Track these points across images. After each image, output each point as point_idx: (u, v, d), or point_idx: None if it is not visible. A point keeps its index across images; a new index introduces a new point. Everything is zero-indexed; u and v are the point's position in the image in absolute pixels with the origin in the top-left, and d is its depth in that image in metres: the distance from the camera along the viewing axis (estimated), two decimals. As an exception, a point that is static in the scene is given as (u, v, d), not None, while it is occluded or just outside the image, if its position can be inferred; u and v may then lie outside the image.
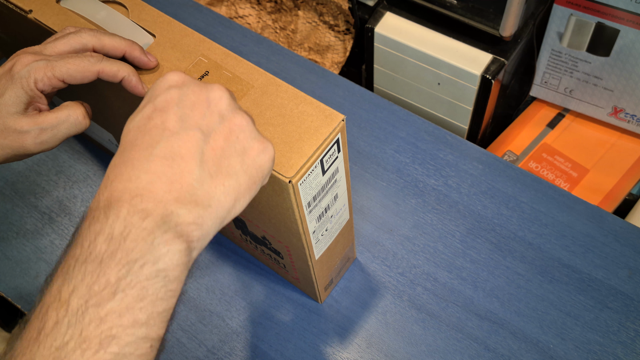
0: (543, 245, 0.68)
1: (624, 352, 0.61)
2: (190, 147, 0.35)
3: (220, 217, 0.35)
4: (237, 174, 0.36)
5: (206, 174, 0.35)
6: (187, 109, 0.36)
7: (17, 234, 0.73)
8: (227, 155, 0.36)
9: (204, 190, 0.34)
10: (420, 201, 0.72)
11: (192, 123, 0.35)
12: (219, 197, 0.35)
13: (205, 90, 0.37)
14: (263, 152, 0.37)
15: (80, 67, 0.44)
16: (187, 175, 0.34)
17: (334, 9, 0.97)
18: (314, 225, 0.50)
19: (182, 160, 0.34)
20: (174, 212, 0.33)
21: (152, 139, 0.35)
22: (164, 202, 0.33)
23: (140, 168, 0.34)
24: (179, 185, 0.34)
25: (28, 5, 0.52)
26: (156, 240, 0.32)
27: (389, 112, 0.79)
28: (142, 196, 0.33)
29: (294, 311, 0.66)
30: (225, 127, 0.36)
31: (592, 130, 0.92)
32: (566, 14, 0.83)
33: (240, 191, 0.36)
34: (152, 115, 0.36)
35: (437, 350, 0.62)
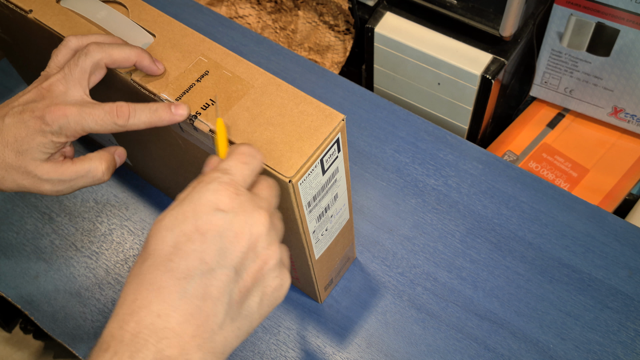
0: (543, 245, 0.68)
1: (624, 352, 0.61)
2: (221, 288, 0.34)
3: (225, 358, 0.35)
4: (252, 316, 0.36)
5: (229, 319, 0.34)
6: (227, 241, 0.35)
7: (17, 234, 0.73)
8: (251, 295, 0.36)
9: (222, 336, 0.34)
10: (420, 201, 0.72)
11: (229, 261, 0.34)
12: (231, 343, 0.35)
13: (250, 222, 0.36)
14: (280, 289, 0.37)
15: (106, 129, 0.44)
16: (213, 319, 0.34)
17: (334, 9, 0.97)
18: (314, 225, 0.50)
19: (211, 302, 0.34)
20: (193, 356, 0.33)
21: (187, 268, 0.34)
22: (187, 349, 0.32)
23: (171, 304, 0.33)
24: (203, 330, 0.33)
25: (28, 5, 0.52)
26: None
27: (389, 112, 0.79)
28: (169, 339, 0.32)
29: (294, 311, 0.66)
30: (256, 264, 0.36)
31: (592, 130, 0.92)
32: (566, 14, 0.83)
33: (249, 331, 0.36)
34: (192, 237, 0.34)
35: (437, 350, 0.62)
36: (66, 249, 0.72)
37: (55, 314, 0.67)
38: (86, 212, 0.74)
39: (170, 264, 0.34)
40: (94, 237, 0.73)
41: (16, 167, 0.45)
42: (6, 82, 0.87)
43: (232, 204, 0.36)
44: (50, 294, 0.69)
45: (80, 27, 0.51)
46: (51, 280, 0.70)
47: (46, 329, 0.67)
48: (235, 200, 0.36)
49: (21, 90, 0.86)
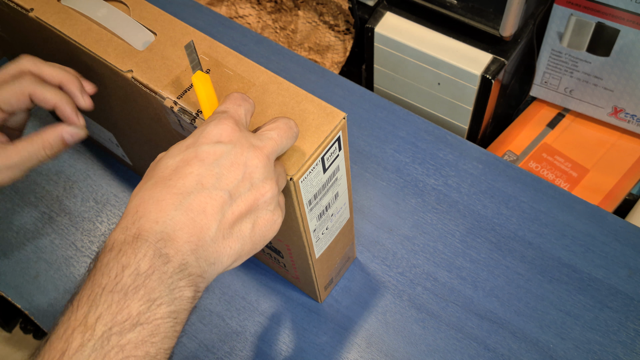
0: (543, 245, 0.68)
1: (624, 351, 0.61)
2: (215, 206, 0.37)
3: (217, 273, 0.38)
4: (244, 239, 0.38)
5: (220, 235, 0.37)
6: (224, 168, 0.38)
7: (17, 233, 0.73)
8: (243, 221, 0.38)
9: (214, 248, 0.37)
10: (420, 201, 0.72)
11: (224, 184, 0.37)
12: (222, 258, 0.38)
13: (246, 154, 0.38)
14: (272, 224, 0.40)
15: (12, 91, 0.44)
16: (205, 231, 0.37)
17: (334, 9, 0.97)
18: (315, 224, 0.50)
19: (204, 216, 0.37)
20: (189, 262, 0.36)
21: (184, 186, 0.37)
22: (182, 251, 0.36)
23: (168, 213, 0.36)
24: (197, 239, 0.36)
25: (29, 4, 0.52)
26: (173, 285, 0.35)
27: (389, 112, 0.79)
28: (165, 241, 0.35)
29: (294, 311, 0.65)
30: (251, 195, 0.38)
31: (592, 130, 0.92)
32: (566, 14, 0.83)
33: (240, 255, 0.39)
34: (191, 162, 0.38)
35: (437, 349, 0.62)
36: (66, 249, 0.72)
37: (55, 314, 0.67)
38: (86, 212, 0.74)
39: (169, 182, 0.37)
40: (94, 237, 0.72)
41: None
42: (6, 82, 0.86)
43: (231, 137, 0.38)
44: (50, 294, 0.69)
45: (81, 26, 0.51)
46: (51, 280, 0.70)
47: (46, 328, 0.67)
48: (234, 134, 0.39)
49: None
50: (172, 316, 0.35)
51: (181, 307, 0.35)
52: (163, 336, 0.34)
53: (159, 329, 0.34)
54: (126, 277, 0.34)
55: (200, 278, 0.36)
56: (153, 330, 0.34)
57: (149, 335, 0.34)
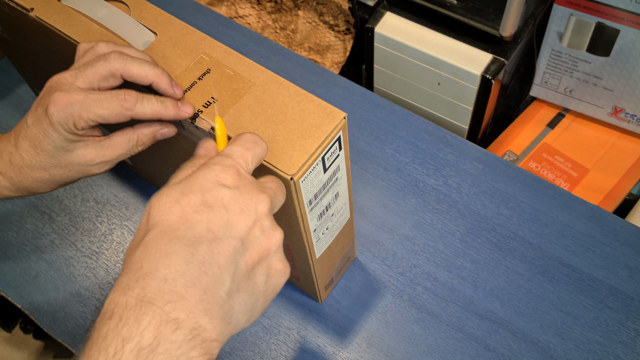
0: (543, 245, 0.68)
1: (624, 352, 0.61)
2: (228, 257, 0.34)
3: (232, 334, 0.35)
4: (258, 294, 0.36)
5: (235, 288, 0.34)
6: (234, 215, 0.35)
7: (17, 233, 0.73)
8: (256, 272, 0.36)
9: (229, 305, 0.34)
10: (420, 201, 0.72)
11: (236, 232, 0.35)
12: (238, 315, 0.35)
13: (255, 199, 0.36)
14: (283, 275, 0.37)
15: (114, 113, 0.43)
16: (219, 286, 0.33)
17: (334, 9, 0.97)
18: (315, 224, 0.50)
19: (218, 269, 0.34)
20: (202, 326, 0.32)
21: (194, 237, 0.34)
22: (195, 313, 0.32)
23: (177, 268, 0.33)
24: (210, 295, 0.33)
25: (29, 4, 0.52)
26: (183, 356, 0.31)
27: (389, 112, 0.79)
28: (175, 303, 0.32)
29: (294, 311, 0.65)
30: (263, 242, 0.36)
31: (592, 130, 0.92)
32: (566, 14, 0.83)
33: (254, 312, 0.36)
34: (199, 209, 0.35)
35: (437, 350, 0.62)
36: (66, 249, 0.72)
37: (55, 314, 0.67)
38: (86, 212, 0.74)
39: (177, 232, 0.34)
40: (94, 237, 0.72)
41: (56, 164, 0.45)
42: (6, 82, 0.86)
43: (236, 183, 0.36)
44: (50, 294, 0.69)
45: (82, 25, 0.51)
46: (51, 280, 0.70)
47: (46, 328, 0.67)
48: (239, 180, 0.37)
49: (22, 89, 0.86)
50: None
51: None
52: None
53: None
54: (126, 355, 0.30)
55: (216, 342, 0.33)
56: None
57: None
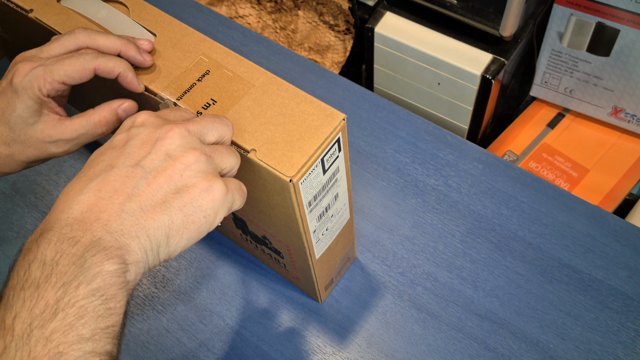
0: (543, 245, 0.68)
1: (624, 352, 0.61)
2: (125, 182, 0.36)
3: (151, 249, 0.36)
4: (170, 210, 0.37)
5: (136, 207, 0.36)
6: (135, 147, 0.38)
7: (18, 233, 0.73)
8: (164, 191, 0.37)
9: (134, 221, 0.36)
10: (420, 201, 0.72)
11: (134, 161, 0.37)
12: (148, 230, 0.36)
13: (158, 130, 0.38)
14: (206, 192, 0.38)
15: (76, 66, 0.44)
16: (117, 206, 0.36)
17: (334, 9, 0.97)
18: (315, 225, 0.50)
19: (114, 192, 0.36)
20: (102, 237, 0.35)
21: (94, 172, 0.37)
22: (92, 230, 0.35)
23: (73, 199, 0.36)
24: (107, 215, 0.35)
25: (29, 5, 0.52)
26: (87, 263, 0.34)
27: (389, 112, 0.79)
28: (71, 225, 0.35)
29: (294, 311, 0.66)
30: (169, 164, 0.37)
31: (592, 130, 0.92)
32: (566, 14, 0.83)
33: (172, 228, 0.37)
34: (104, 151, 0.38)
35: (437, 350, 0.62)
36: (66, 249, 0.72)
37: (55, 314, 0.67)
38: (86, 211, 0.74)
39: (82, 173, 0.38)
40: (94, 237, 0.72)
41: (16, 139, 0.46)
42: (6, 82, 0.86)
43: (146, 120, 0.39)
44: (50, 294, 0.69)
45: (81, 27, 0.51)
46: (51, 280, 0.70)
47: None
48: (151, 118, 0.40)
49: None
50: (97, 294, 0.33)
51: (106, 283, 0.34)
52: (93, 316, 0.33)
53: (85, 309, 0.33)
54: (34, 271, 0.33)
55: (121, 250, 0.35)
56: (78, 313, 0.33)
57: (75, 319, 0.32)
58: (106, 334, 0.34)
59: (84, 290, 0.33)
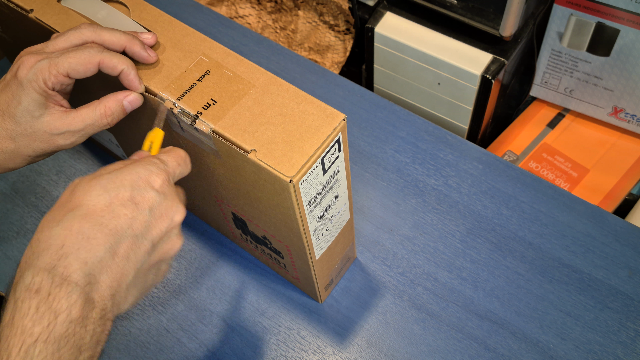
0: (543, 245, 0.68)
1: (624, 352, 0.61)
2: (140, 255, 0.39)
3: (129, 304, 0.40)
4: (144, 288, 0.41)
5: (133, 282, 0.39)
6: (154, 218, 0.39)
7: (18, 233, 0.73)
8: (151, 271, 0.41)
9: (126, 295, 0.39)
10: (420, 201, 0.72)
11: (151, 235, 0.39)
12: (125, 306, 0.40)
13: (174, 209, 0.41)
14: (162, 277, 0.43)
15: (81, 59, 0.45)
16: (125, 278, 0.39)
17: (334, 9, 0.97)
18: (315, 225, 0.50)
19: (127, 263, 0.38)
20: (107, 308, 0.37)
21: (116, 229, 0.38)
22: (104, 297, 0.37)
23: (96, 255, 0.37)
24: (117, 284, 0.38)
25: (29, 5, 0.52)
26: (95, 331, 0.36)
27: (389, 112, 0.79)
28: (92, 285, 0.37)
29: (294, 311, 0.66)
30: (166, 247, 0.41)
31: (592, 130, 0.92)
32: (566, 14, 0.83)
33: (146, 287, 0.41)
34: (126, 204, 0.38)
35: (437, 350, 0.62)
36: (66, 249, 0.72)
37: (55, 314, 0.67)
38: (86, 211, 0.74)
39: (102, 219, 0.37)
40: (94, 237, 0.72)
41: (22, 133, 0.46)
42: (6, 82, 0.86)
43: (164, 188, 0.40)
44: (50, 294, 0.69)
45: (81, 27, 0.51)
46: (51, 280, 0.70)
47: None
48: (167, 187, 0.41)
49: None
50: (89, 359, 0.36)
51: (96, 351, 0.37)
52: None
53: None
54: (59, 326, 0.34)
55: (109, 322, 0.38)
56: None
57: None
58: None
59: (85, 356, 0.36)
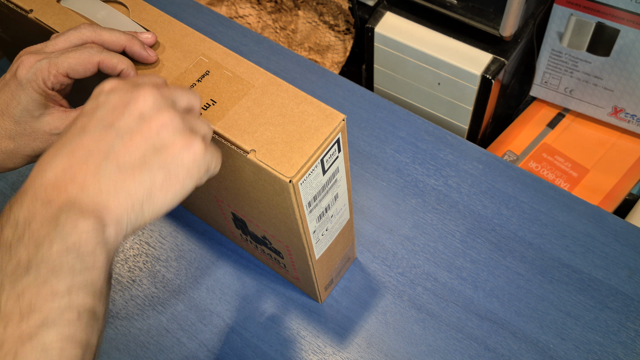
0: (543, 245, 0.68)
1: (624, 352, 0.61)
2: (99, 144, 0.36)
3: (132, 208, 0.36)
4: (151, 168, 0.37)
5: (113, 167, 0.36)
6: (107, 112, 0.37)
7: (17, 233, 0.73)
8: (142, 151, 0.37)
9: (109, 181, 0.36)
10: (420, 201, 0.72)
11: (108, 123, 0.37)
12: (129, 189, 0.36)
13: (129, 93, 0.38)
14: (186, 149, 0.38)
15: (81, 59, 0.44)
16: (92, 167, 0.35)
17: (334, 9, 0.97)
18: (315, 225, 0.50)
19: (89, 155, 0.36)
20: (77, 197, 0.35)
21: (67, 139, 0.37)
22: (67, 191, 0.35)
23: (47, 165, 0.35)
24: (83, 176, 0.35)
25: (29, 5, 0.52)
26: (61, 221, 0.33)
27: (389, 112, 0.79)
28: (45, 188, 0.35)
29: (294, 311, 0.66)
30: (144, 125, 0.37)
31: (592, 130, 0.92)
32: (566, 14, 0.83)
33: (155, 186, 0.37)
34: (76, 121, 0.38)
35: (437, 350, 0.62)
36: (66, 249, 0.72)
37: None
38: (86, 212, 0.74)
39: (55, 144, 0.37)
40: (94, 237, 0.72)
41: (22, 132, 0.46)
42: (6, 82, 0.86)
43: (115, 85, 0.39)
44: (50, 294, 0.69)
45: (81, 27, 0.51)
46: (51, 280, 0.70)
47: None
48: (119, 83, 0.39)
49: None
50: (72, 250, 0.33)
51: (82, 239, 0.34)
52: (69, 272, 0.33)
53: (60, 266, 0.33)
54: (7, 232, 0.33)
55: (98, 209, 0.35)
56: (53, 269, 0.32)
57: (49, 275, 0.32)
58: (84, 289, 0.33)
59: (58, 247, 0.33)
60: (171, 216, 0.73)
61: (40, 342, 0.31)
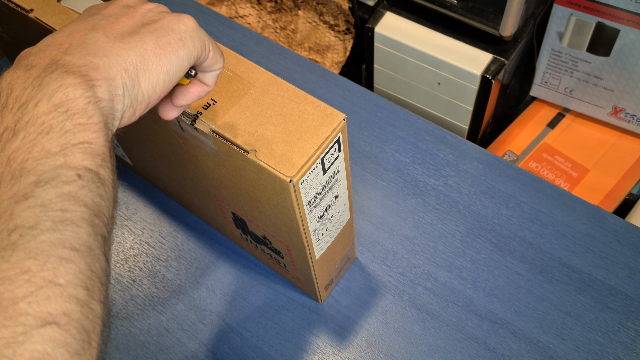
0: (543, 245, 0.68)
1: (624, 352, 0.61)
2: (85, 23, 0.37)
3: (126, 70, 0.35)
4: (141, 34, 0.36)
5: (100, 35, 0.35)
6: (93, 8, 0.39)
7: (17, 233, 0.73)
8: (130, 24, 0.37)
9: (96, 46, 0.35)
10: (420, 201, 0.72)
11: (94, 12, 0.38)
12: (118, 51, 0.35)
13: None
14: (176, 20, 0.38)
15: None
16: (78, 37, 0.35)
17: (334, 9, 0.97)
18: (315, 225, 0.50)
19: (74, 31, 0.36)
20: (62, 59, 0.34)
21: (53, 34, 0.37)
22: (51, 55, 0.34)
23: (43, 42, 0.35)
24: (69, 43, 0.35)
25: (29, 5, 0.52)
26: (45, 81, 0.32)
27: (389, 112, 0.79)
28: (27, 57, 0.34)
29: (294, 311, 0.66)
30: (130, 10, 0.38)
31: (592, 130, 0.92)
32: (566, 14, 0.83)
33: (147, 49, 0.36)
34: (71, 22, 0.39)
35: (437, 350, 0.62)
36: (66, 249, 0.72)
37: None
38: (86, 211, 0.74)
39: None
40: (94, 237, 0.72)
41: None
42: (6, 82, 0.86)
43: None
44: (50, 294, 0.69)
45: (81, 27, 0.51)
46: (51, 280, 0.70)
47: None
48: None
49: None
50: (61, 109, 0.31)
51: (69, 97, 0.32)
52: (60, 131, 0.31)
53: (49, 125, 0.31)
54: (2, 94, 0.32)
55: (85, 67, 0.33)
56: (42, 129, 0.31)
57: (38, 135, 0.30)
58: (80, 149, 0.31)
59: (45, 106, 0.31)
60: (171, 216, 0.73)
61: (38, 200, 0.29)
